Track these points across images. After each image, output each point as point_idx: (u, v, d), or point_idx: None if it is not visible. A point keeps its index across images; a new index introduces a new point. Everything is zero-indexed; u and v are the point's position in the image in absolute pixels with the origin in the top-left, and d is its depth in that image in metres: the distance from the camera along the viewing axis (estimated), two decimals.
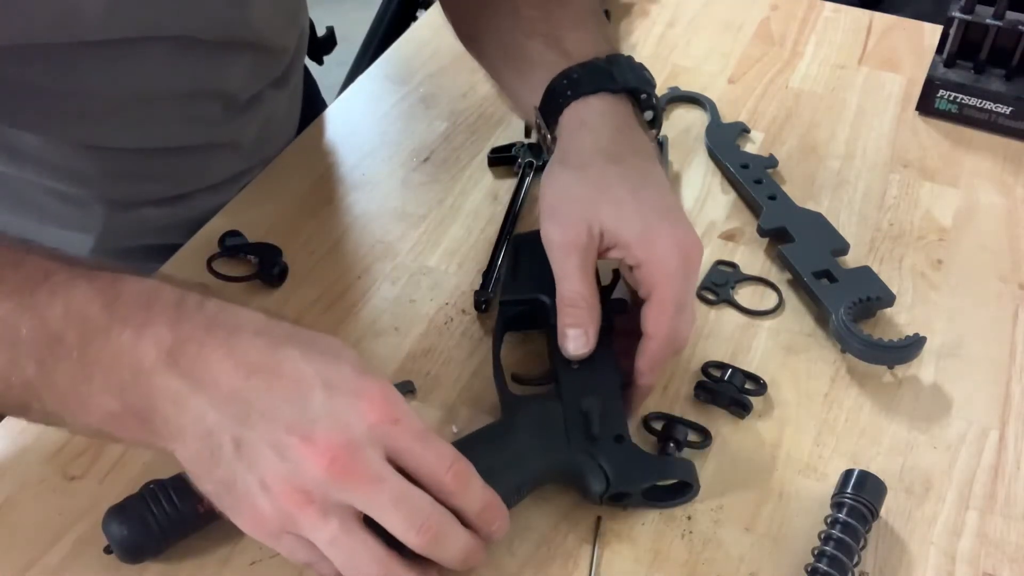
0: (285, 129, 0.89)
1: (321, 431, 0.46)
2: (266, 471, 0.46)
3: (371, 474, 0.46)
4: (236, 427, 0.46)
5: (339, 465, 0.45)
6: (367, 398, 0.47)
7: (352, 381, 0.48)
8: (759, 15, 1.03)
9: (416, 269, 0.75)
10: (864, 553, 0.56)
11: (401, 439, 0.48)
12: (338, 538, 0.46)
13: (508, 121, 0.89)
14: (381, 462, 0.47)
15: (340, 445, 0.46)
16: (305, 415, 0.46)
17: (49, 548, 0.56)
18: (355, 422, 0.46)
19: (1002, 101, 0.85)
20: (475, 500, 0.50)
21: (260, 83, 0.81)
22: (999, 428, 0.64)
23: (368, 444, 0.46)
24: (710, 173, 0.84)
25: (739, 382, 0.65)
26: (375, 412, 0.47)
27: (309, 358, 0.48)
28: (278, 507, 0.46)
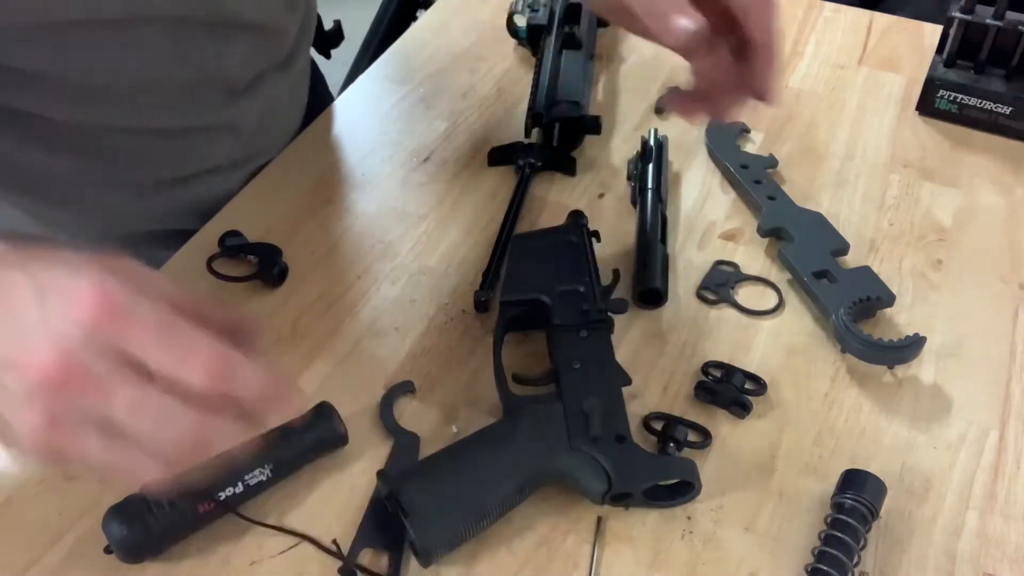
0: (289, 117, 0.89)
1: (33, 348, 0.41)
2: (10, 397, 0.42)
3: (94, 386, 0.41)
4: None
5: (56, 384, 0.41)
6: (77, 298, 0.41)
7: (65, 283, 0.42)
8: None
9: (416, 269, 0.75)
10: (864, 553, 0.56)
11: (129, 338, 0.42)
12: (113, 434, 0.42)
13: (508, 121, 0.89)
14: (107, 368, 0.41)
15: (52, 361, 0.41)
16: (24, 330, 0.42)
17: (49, 548, 0.56)
18: (69, 329, 0.41)
19: (1002, 101, 0.85)
20: (244, 389, 0.44)
21: (260, 66, 0.80)
22: (999, 428, 0.64)
23: (87, 350, 0.41)
24: (710, 173, 0.84)
25: (739, 382, 0.65)
26: (89, 311, 0.41)
27: (24, 268, 0.43)
28: (37, 433, 0.42)
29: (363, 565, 0.56)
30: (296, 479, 0.60)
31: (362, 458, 0.61)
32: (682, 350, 0.69)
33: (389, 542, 0.57)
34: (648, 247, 0.73)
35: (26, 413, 0.42)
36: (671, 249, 0.76)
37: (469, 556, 0.57)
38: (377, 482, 0.58)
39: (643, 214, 0.76)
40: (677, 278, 0.74)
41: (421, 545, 0.54)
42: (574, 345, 0.63)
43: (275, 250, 0.73)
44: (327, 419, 0.60)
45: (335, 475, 0.61)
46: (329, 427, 0.60)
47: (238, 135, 0.82)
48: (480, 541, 0.57)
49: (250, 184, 0.82)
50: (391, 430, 0.63)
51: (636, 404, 0.65)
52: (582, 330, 0.64)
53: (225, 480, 0.56)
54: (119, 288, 0.42)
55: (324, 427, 0.60)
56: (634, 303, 0.70)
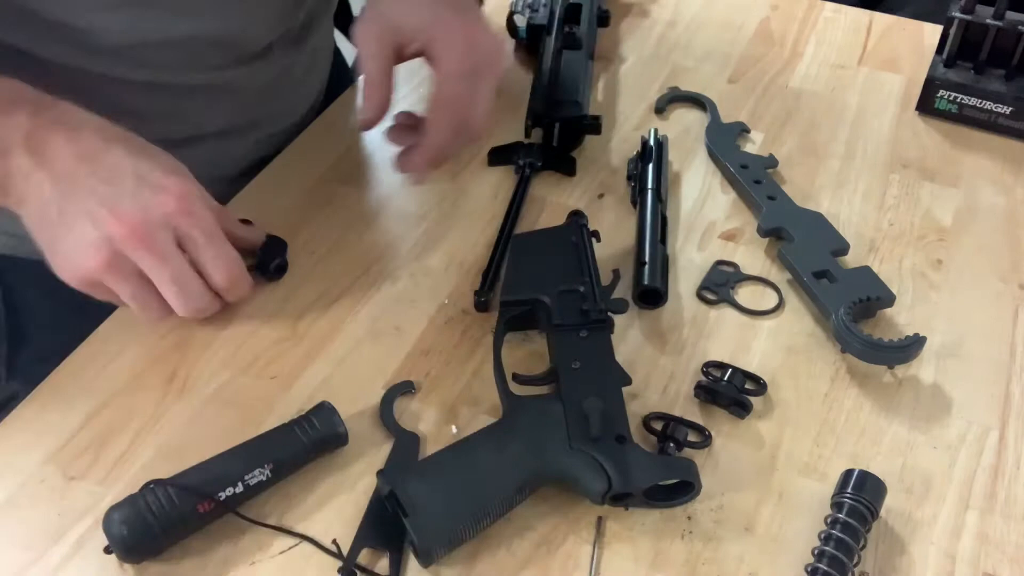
0: (300, 93, 0.90)
1: (125, 208, 0.59)
2: (82, 234, 0.59)
3: (158, 250, 0.60)
4: (62, 200, 0.59)
5: (135, 237, 0.59)
6: (168, 192, 0.60)
7: (160, 178, 0.60)
8: (759, 15, 1.03)
9: (416, 269, 0.75)
10: (864, 553, 0.56)
11: (190, 230, 0.61)
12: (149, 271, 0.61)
13: (508, 121, 0.88)
14: (169, 243, 0.60)
15: (138, 222, 0.59)
16: (115, 196, 0.59)
17: (49, 548, 0.56)
18: (154, 207, 0.59)
19: (1002, 101, 0.85)
20: (235, 293, 0.66)
21: (271, 35, 0.80)
22: (999, 428, 0.64)
23: (161, 227, 0.59)
24: (710, 173, 0.84)
25: (739, 382, 0.65)
26: (172, 203, 0.60)
27: (132, 154, 0.61)
28: (93, 262, 0.59)
29: (363, 565, 0.56)
30: (296, 479, 0.60)
31: (362, 458, 0.61)
32: (682, 350, 0.69)
33: (389, 542, 0.57)
34: (648, 247, 0.73)
35: (92, 252, 0.59)
36: (671, 249, 0.76)
37: (469, 556, 0.57)
38: (377, 482, 0.58)
39: (643, 214, 0.76)
40: (677, 278, 0.74)
41: (421, 545, 0.54)
42: (574, 345, 0.63)
43: (280, 244, 0.73)
44: (327, 419, 0.60)
45: (335, 475, 0.61)
46: (329, 427, 0.60)
47: (236, 100, 0.82)
48: (480, 541, 0.57)
49: (252, 182, 0.82)
50: (391, 430, 0.63)
51: (636, 404, 0.65)
52: (582, 330, 0.64)
53: (225, 480, 0.56)
54: (195, 194, 0.61)
55: (324, 427, 0.60)
56: (634, 303, 0.70)
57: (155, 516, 0.54)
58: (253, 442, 0.59)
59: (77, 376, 0.66)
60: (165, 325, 0.69)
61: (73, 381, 0.65)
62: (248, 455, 0.58)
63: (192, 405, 0.64)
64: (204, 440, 0.61)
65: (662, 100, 0.91)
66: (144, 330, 0.68)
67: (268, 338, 0.69)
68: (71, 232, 0.59)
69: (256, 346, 0.68)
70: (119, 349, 0.67)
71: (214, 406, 0.64)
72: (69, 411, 0.63)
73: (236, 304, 0.69)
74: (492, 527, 0.57)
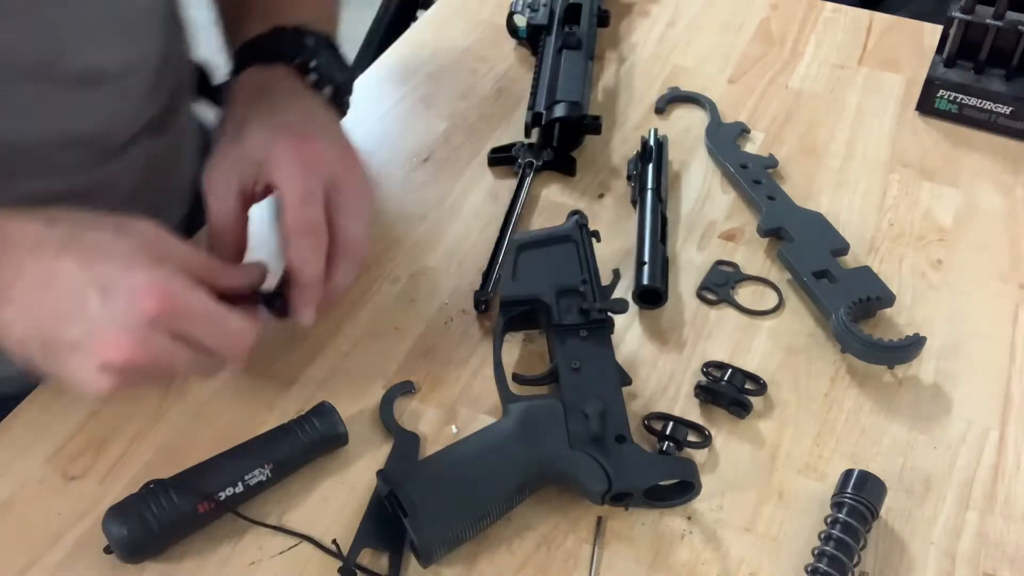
0: (174, 178, 0.83)
1: (107, 334, 0.52)
2: (79, 366, 0.53)
3: (159, 357, 0.53)
4: (38, 336, 0.53)
5: (131, 358, 0.52)
6: (140, 295, 0.52)
7: (125, 279, 0.52)
8: (759, 15, 1.03)
9: (416, 269, 0.75)
10: (864, 553, 0.56)
11: (182, 326, 0.54)
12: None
13: (508, 121, 0.89)
14: (166, 344, 0.53)
15: (127, 343, 0.52)
16: (91, 321, 0.52)
17: (49, 548, 0.56)
18: (134, 320, 0.52)
19: (1002, 101, 0.85)
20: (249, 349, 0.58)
21: (133, 124, 0.74)
22: (999, 428, 0.64)
23: (151, 334, 0.52)
24: (710, 173, 0.84)
25: (739, 382, 0.65)
26: (151, 306, 0.52)
27: (83, 262, 0.53)
28: (103, 386, 0.53)
29: (363, 565, 0.56)
30: (296, 479, 0.60)
31: (362, 458, 0.61)
32: (682, 350, 0.69)
33: (389, 542, 0.57)
34: (648, 247, 0.73)
35: (96, 379, 0.53)
36: (671, 249, 0.76)
37: (469, 556, 0.57)
38: (377, 482, 0.58)
39: (643, 214, 0.76)
40: (677, 278, 0.74)
41: (421, 545, 0.54)
42: (574, 345, 0.63)
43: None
44: (327, 419, 0.60)
45: (335, 475, 0.61)
46: (329, 427, 0.60)
47: (112, 199, 0.70)
48: (480, 541, 0.57)
49: None
50: (391, 430, 0.63)
51: (636, 404, 0.65)
52: (582, 330, 0.64)
53: (225, 480, 0.56)
54: (169, 281, 0.53)
55: (324, 427, 0.60)
56: (634, 303, 0.70)
57: (155, 516, 0.54)
58: (253, 442, 0.59)
59: None
60: None
61: None
62: (248, 455, 0.58)
63: (192, 405, 0.64)
64: (204, 440, 0.61)
65: (662, 100, 0.91)
66: None
67: (268, 338, 0.69)
68: (66, 365, 0.53)
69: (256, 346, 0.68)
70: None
71: (214, 406, 0.64)
72: (69, 411, 0.63)
73: None
74: (492, 527, 0.57)
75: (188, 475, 0.57)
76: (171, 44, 0.77)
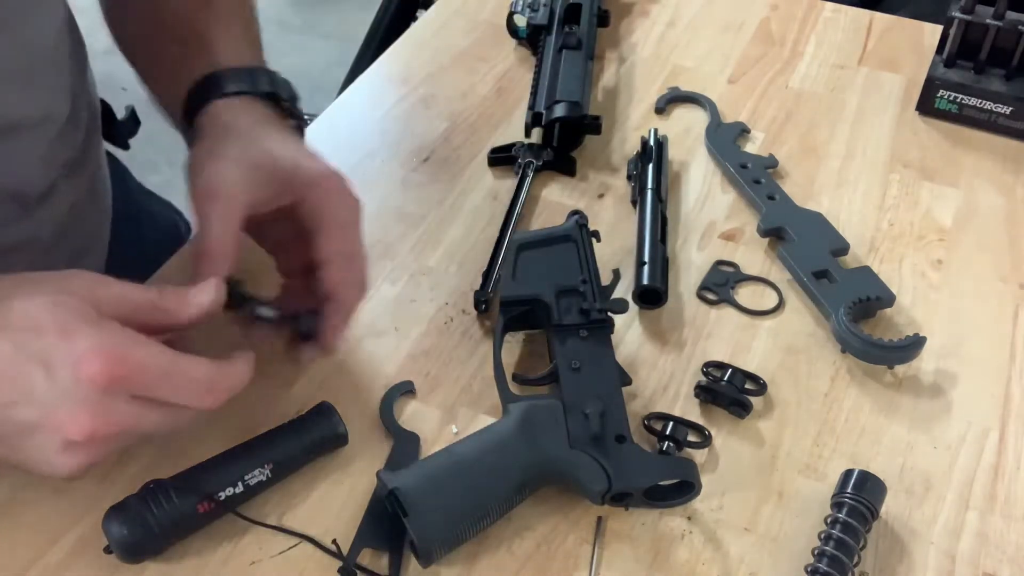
0: (92, 222, 0.81)
1: (61, 414, 0.48)
2: (41, 448, 0.49)
3: (123, 422, 0.49)
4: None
5: (93, 431, 0.48)
6: (85, 364, 0.47)
7: (64, 352, 0.48)
8: (759, 15, 1.03)
9: (416, 269, 0.75)
10: (864, 553, 0.56)
11: (136, 387, 0.49)
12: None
13: (508, 121, 0.89)
14: (127, 406, 0.49)
15: (84, 417, 0.48)
16: (42, 402, 0.48)
17: (49, 548, 0.56)
18: (86, 392, 0.48)
19: (1002, 101, 0.85)
20: (229, 390, 0.53)
21: (52, 170, 0.71)
22: (999, 428, 0.64)
23: (109, 402, 0.48)
24: (710, 173, 0.84)
25: (739, 382, 0.65)
26: (99, 375, 0.47)
27: (18, 343, 0.48)
28: (73, 467, 0.50)
29: (363, 565, 0.56)
30: (296, 479, 0.60)
31: (362, 458, 0.61)
32: (682, 350, 0.69)
33: (389, 542, 0.57)
34: (648, 247, 0.73)
35: (65, 460, 0.49)
36: (671, 249, 0.76)
37: (469, 556, 0.57)
38: (377, 482, 0.58)
39: (643, 214, 0.76)
40: (677, 278, 0.74)
41: (421, 545, 0.54)
42: (574, 345, 0.63)
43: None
44: (327, 419, 0.60)
45: (335, 475, 0.61)
46: (329, 427, 0.60)
47: (32, 254, 0.72)
48: (480, 541, 0.57)
49: None
50: (391, 430, 0.63)
51: (636, 404, 0.65)
52: (582, 330, 0.64)
53: (225, 480, 0.56)
54: (114, 342, 0.48)
55: (324, 427, 0.60)
56: (634, 303, 0.70)
57: (155, 516, 0.54)
58: (253, 442, 0.59)
59: None
60: None
61: None
62: (248, 455, 0.58)
63: None
64: (204, 440, 0.60)
65: (662, 100, 0.91)
66: None
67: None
68: (28, 452, 0.50)
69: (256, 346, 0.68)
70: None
71: None
72: None
73: None
74: (492, 527, 0.57)
75: (188, 475, 0.57)
76: (79, 83, 0.75)
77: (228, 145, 0.60)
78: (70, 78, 0.72)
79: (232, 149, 0.59)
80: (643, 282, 0.70)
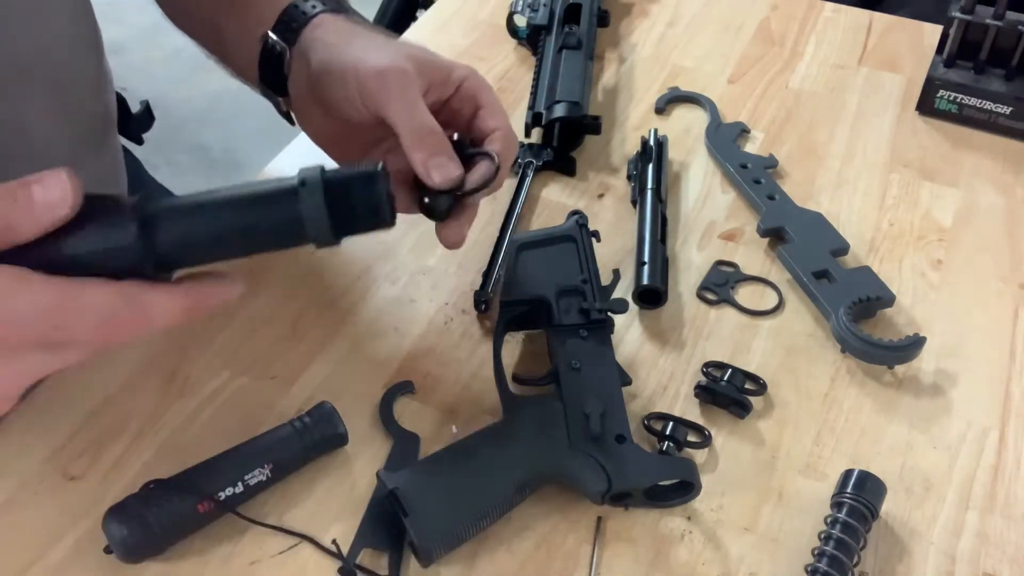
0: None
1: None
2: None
3: (32, 376, 0.45)
4: None
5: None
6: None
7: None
8: (759, 15, 1.03)
9: (416, 269, 0.75)
10: (864, 553, 0.56)
11: (34, 341, 0.44)
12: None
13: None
14: (25, 361, 0.44)
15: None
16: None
17: (49, 548, 0.56)
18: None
19: (1002, 101, 0.85)
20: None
21: (72, 134, 0.71)
22: (999, 428, 0.64)
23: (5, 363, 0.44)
24: (710, 173, 0.84)
25: (739, 382, 0.65)
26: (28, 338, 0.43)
27: None
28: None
29: (363, 565, 0.56)
30: (296, 479, 0.60)
31: (362, 458, 0.61)
32: (682, 350, 0.69)
33: (389, 542, 0.57)
34: (648, 247, 0.73)
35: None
36: (671, 249, 0.76)
37: (469, 556, 0.57)
38: (377, 482, 0.58)
39: (643, 214, 0.76)
40: (677, 278, 0.74)
41: (421, 545, 0.54)
42: (574, 345, 0.63)
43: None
44: (327, 419, 0.60)
45: (335, 475, 0.61)
46: (329, 427, 0.60)
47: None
48: (480, 541, 0.57)
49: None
50: (391, 430, 0.63)
51: (636, 404, 0.65)
52: (582, 330, 0.64)
53: (225, 480, 0.56)
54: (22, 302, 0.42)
55: (324, 427, 0.60)
56: (634, 303, 0.70)
57: (155, 516, 0.54)
58: (253, 442, 0.59)
59: (77, 376, 0.66)
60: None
61: (73, 381, 0.65)
62: (248, 455, 0.58)
63: (192, 405, 0.64)
64: (204, 440, 0.61)
65: (662, 100, 0.91)
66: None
67: (268, 338, 0.69)
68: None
69: (256, 346, 0.68)
70: (119, 349, 0.67)
71: (214, 406, 0.64)
72: (69, 411, 0.63)
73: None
74: (492, 527, 0.57)
75: (188, 475, 0.57)
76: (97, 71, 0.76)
77: (368, 42, 0.59)
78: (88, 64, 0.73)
79: (379, 42, 0.59)
80: (643, 282, 0.70)
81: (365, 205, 0.48)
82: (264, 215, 0.47)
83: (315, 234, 0.47)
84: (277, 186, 0.47)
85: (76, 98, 0.72)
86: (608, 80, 0.94)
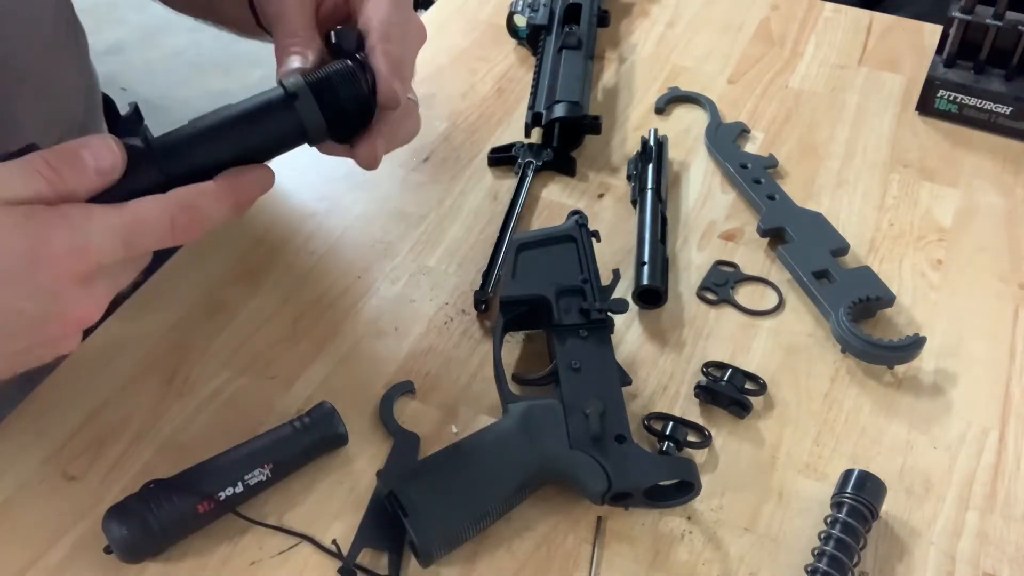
0: None
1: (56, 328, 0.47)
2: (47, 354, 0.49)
3: (117, 288, 0.49)
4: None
5: (96, 315, 0.48)
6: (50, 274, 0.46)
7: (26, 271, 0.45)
8: (759, 15, 1.03)
9: (416, 269, 0.75)
10: (864, 553, 0.56)
11: (114, 263, 0.47)
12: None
13: (508, 121, 0.89)
14: (111, 278, 0.48)
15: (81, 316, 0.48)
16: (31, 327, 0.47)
17: (49, 548, 0.56)
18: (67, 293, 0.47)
19: (1002, 101, 0.85)
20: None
21: (58, 140, 0.71)
22: (999, 428, 0.64)
23: (91, 287, 0.47)
24: (710, 173, 0.84)
25: (739, 382, 0.65)
26: (68, 276, 0.46)
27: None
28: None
29: (363, 565, 0.56)
30: (296, 479, 0.60)
31: (362, 458, 0.61)
32: (682, 350, 0.69)
33: (389, 542, 0.57)
34: (648, 247, 0.73)
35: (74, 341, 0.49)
36: (671, 249, 0.76)
37: (469, 556, 0.57)
38: (377, 482, 0.58)
39: (643, 214, 0.76)
40: (677, 278, 0.74)
41: (421, 545, 0.54)
42: (574, 345, 0.63)
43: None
44: (327, 419, 0.60)
45: (335, 475, 0.61)
46: (329, 427, 0.60)
47: None
48: (480, 541, 0.57)
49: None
50: (391, 430, 0.63)
51: (636, 404, 0.65)
52: (582, 330, 0.64)
53: (225, 480, 0.56)
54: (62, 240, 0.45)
55: (324, 427, 0.60)
56: (634, 303, 0.70)
57: (155, 516, 0.54)
58: (253, 442, 0.59)
59: (77, 376, 0.66)
60: (165, 324, 0.69)
61: (73, 381, 0.65)
62: (248, 455, 0.58)
63: (192, 405, 0.64)
64: (204, 440, 0.61)
65: (662, 100, 0.91)
66: (144, 330, 0.69)
67: (268, 338, 0.69)
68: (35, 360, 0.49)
69: (256, 346, 0.68)
70: (119, 349, 0.67)
71: (214, 406, 0.64)
72: (69, 411, 0.63)
73: (236, 304, 0.70)
74: (492, 527, 0.57)
75: (188, 475, 0.57)
76: (80, 67, 0.76)
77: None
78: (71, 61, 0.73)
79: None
80: (643, 282, 0.70)
81: (353, 101, 0.53)
82: (268, 130, 0.52)
83: (314, 135, 0.53)
84: (268, 99, 0.52)
85: (60, 97, 0.72)
86: (608, 80, 0.94)
